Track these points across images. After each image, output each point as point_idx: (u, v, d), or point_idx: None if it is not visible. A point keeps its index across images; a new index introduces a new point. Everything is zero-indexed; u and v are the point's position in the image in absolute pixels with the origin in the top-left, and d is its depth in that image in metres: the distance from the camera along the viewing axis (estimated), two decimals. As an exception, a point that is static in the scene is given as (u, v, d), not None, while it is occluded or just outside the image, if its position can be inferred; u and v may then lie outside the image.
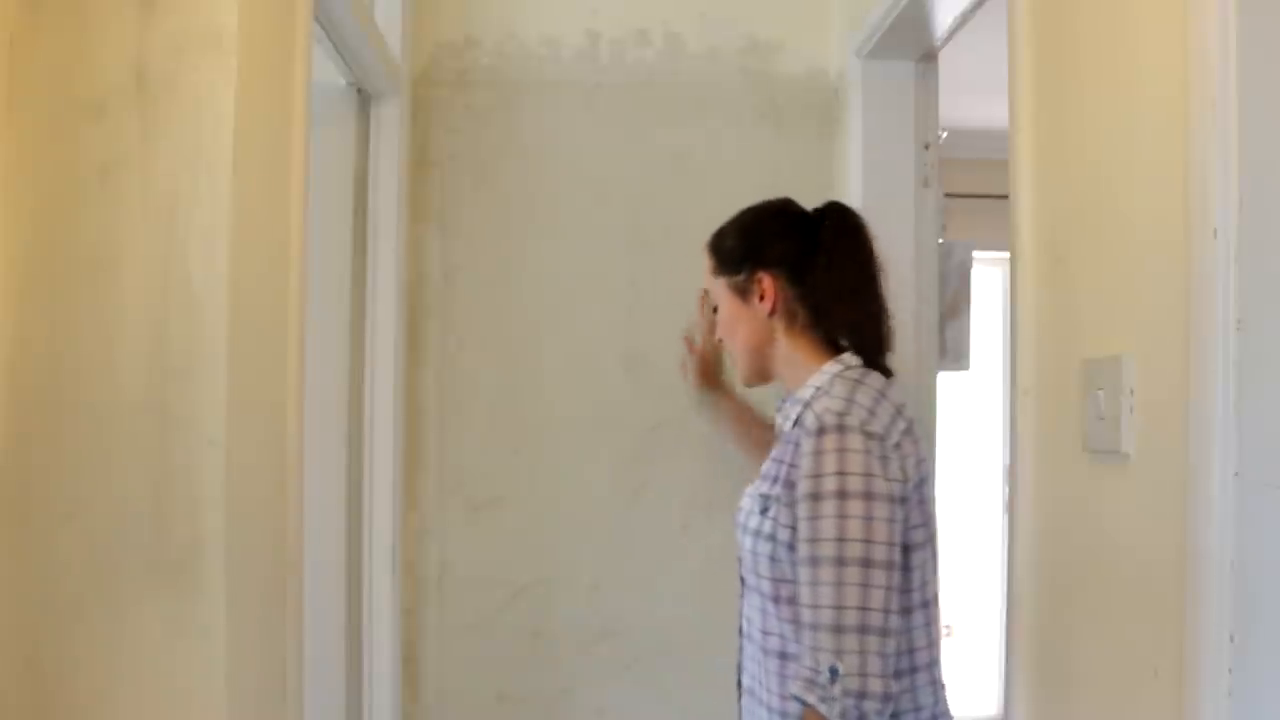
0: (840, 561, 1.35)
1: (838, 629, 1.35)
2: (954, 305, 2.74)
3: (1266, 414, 1.05)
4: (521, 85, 2.63)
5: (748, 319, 1.63)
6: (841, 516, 1.36)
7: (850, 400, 1.43)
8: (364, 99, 2.38)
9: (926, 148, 2.49)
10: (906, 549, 1.45)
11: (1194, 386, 1.09)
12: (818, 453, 1.39)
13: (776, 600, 1.48)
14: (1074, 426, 1.35)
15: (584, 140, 2.63)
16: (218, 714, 1.30)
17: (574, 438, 2.61)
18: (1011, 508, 1.59)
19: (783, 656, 1.49)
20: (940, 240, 2.56)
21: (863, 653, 1.35)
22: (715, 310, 1.71)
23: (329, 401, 2.29)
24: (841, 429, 1.39)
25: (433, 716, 2.59)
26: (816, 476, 1.38)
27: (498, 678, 2.59)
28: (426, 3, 2.60)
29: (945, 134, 2.62)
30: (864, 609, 1.35)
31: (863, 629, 1.35)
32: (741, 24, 2.66)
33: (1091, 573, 1.34)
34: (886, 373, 1.60)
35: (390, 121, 2.41)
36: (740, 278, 1.63)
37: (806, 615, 1.39)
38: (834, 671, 1.35)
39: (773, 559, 1.47)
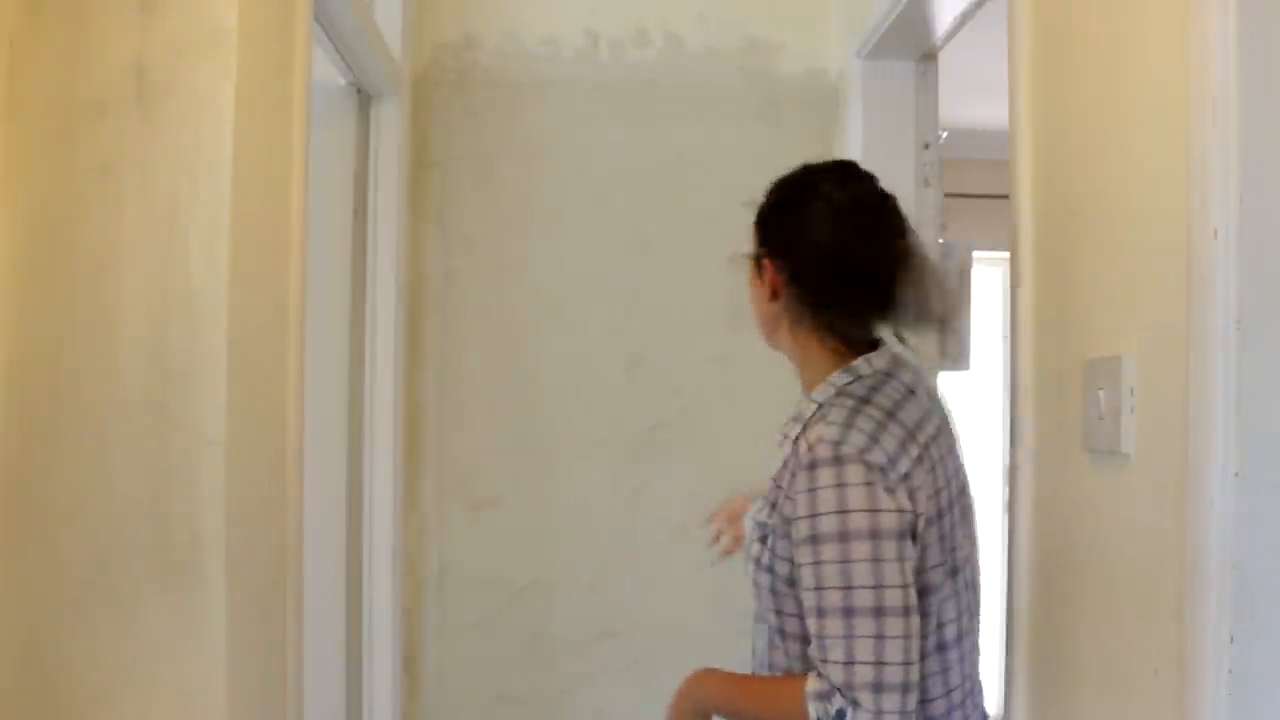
0: (849, 613, 1.19)
1: (848, 686, 1.19)
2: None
3: (1266, 414, 1.05)
4: (521, 85, 2.62)
5: (757, 299, 1.44)
6: (845, 561, 1.19)
7: (848, 426, 1.24)
8: (364, 99, 2.37)
9: (926, 148, 2.49)
10: (923, 592, 1.26)
11: (1194, 386, 1.09)
12: (812, 490, 1.21)
13: (783, 634, 1.33)
14: (1074, 426, 1.35)
15: (584, 140, 2.63)
16: (218, 714, 1.29)
17: (574, 438, 2.61)
18: (1011, 508, 1.59)
19: None
20: (940, 240, 2.56)
21: (879, 711, 1.18)
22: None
23: (329, 401, 2.29)
24: (839, 460, 1.21)
25: (433, 717, 2.59)
26: (813, 517, 1.21)
27: (498, 678, 2.59)
28: (426, 3, 2.60)
29: (945, 134, 2.62)
30: (879, 664, 1.19)
31: (877, 686, 1.19)
32: (741, 24, 2.66)
33: (1091, 572, 1.34)
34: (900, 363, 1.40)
35: (390, 121, 2.41)
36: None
37: (816, 666, 1.22)
38: (840, 716, 1.19)
39: (773, 591, 1.32)
